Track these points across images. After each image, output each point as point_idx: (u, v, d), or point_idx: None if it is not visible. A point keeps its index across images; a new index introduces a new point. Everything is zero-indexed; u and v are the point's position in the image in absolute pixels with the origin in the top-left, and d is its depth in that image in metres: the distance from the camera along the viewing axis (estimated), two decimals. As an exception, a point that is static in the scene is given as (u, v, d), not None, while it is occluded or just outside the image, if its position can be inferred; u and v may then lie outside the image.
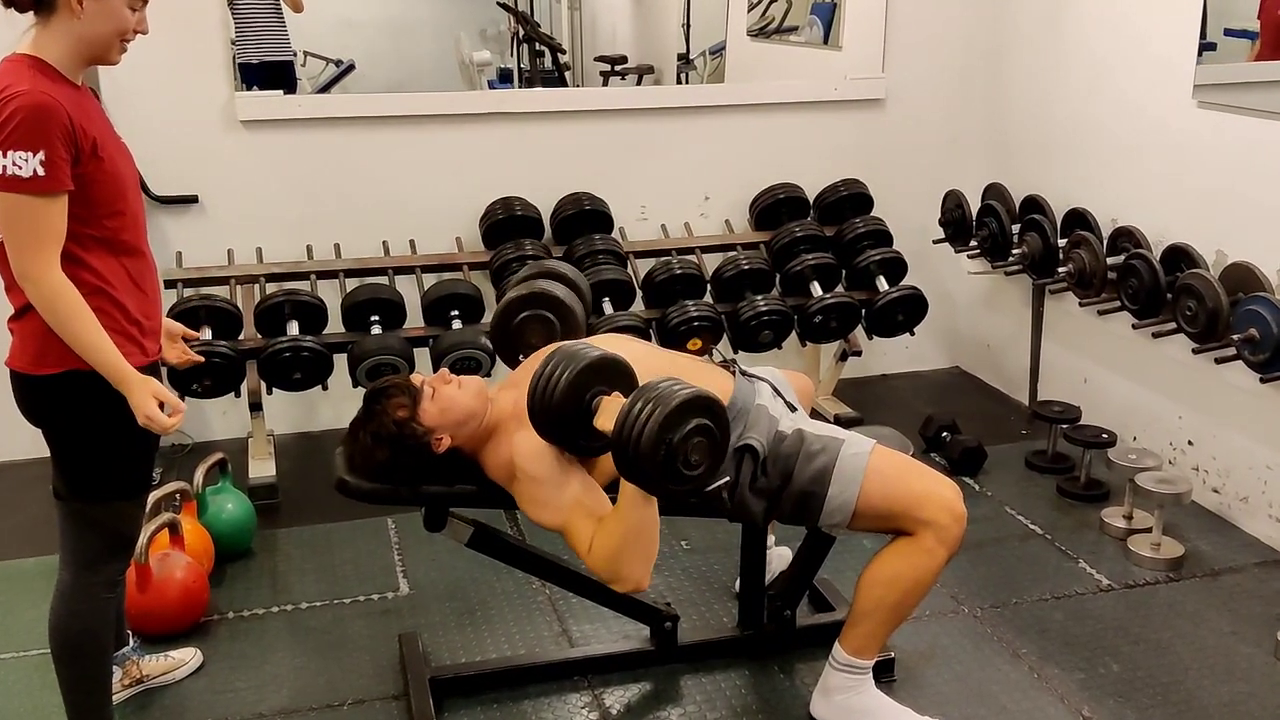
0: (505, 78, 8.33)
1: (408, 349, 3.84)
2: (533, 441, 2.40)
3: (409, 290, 4.00)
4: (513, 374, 2.69)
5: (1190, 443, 3.74)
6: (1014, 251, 4.16)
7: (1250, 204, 3.39)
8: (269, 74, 6.14)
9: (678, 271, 4.13)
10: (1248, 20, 3.48)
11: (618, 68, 7.36)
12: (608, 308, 4.01)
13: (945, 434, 4.03)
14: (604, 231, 4.26)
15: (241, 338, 3.80)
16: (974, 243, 4.39)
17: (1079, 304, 3.94)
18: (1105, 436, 3.70)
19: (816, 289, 4.22)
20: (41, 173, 2.02)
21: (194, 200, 3.98)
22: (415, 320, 3.98)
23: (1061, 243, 3.98)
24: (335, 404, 4.13)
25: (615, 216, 4.30)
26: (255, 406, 3.84)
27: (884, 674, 2.76)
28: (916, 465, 2.55)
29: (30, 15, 2.11)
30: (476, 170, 4.21)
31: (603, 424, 2.26)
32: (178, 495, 3.20)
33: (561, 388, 2.28)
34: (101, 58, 2.18)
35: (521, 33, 7.93)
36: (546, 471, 2.39)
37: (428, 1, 8.79)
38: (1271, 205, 3.31)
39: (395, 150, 4.13)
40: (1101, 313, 3.82)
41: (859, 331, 4.35)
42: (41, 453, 2.29)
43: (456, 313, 3.94)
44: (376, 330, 3.86)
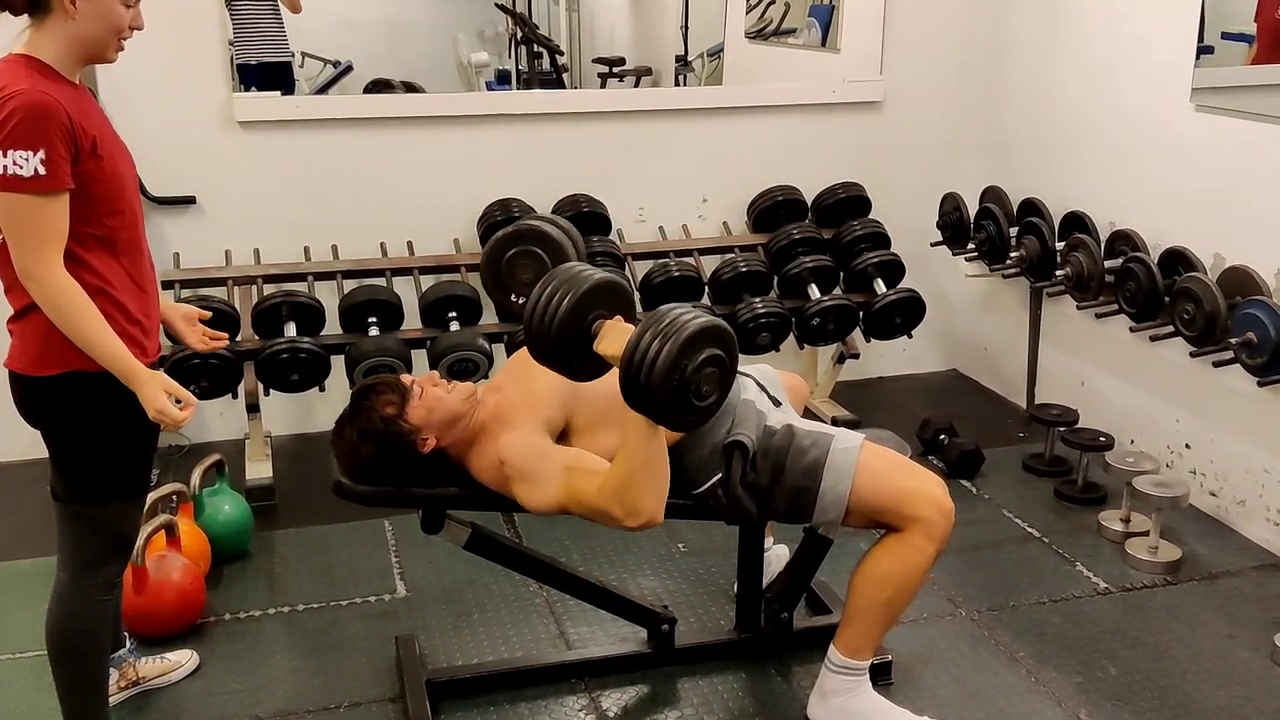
0: (503, 79, 8.33)
1: (405, 351, 3.84)
2: (517, 437, 2.40)
3: (407, 292, 4.00)
4: (496, 378, 2.67)
5: (1188, 446, 3.74)
6: (1012, 254, 4.16)
7: (1248, 207, 3.39)
8: (267, 75, 6.12)
9: (675, 273, 4.12)
10: (1245, 24, 3.49)
11: (616, 69, 7.37)
12: (606, 309, 4.00)
13: (943, 436, 4.03)
14: (602, 233, 4.25)
15: (239, 339, 3.80)
16: (972, 245, 4.39)
17: (1077, 307, 3.94)
18: (1103, 439, 3.70)
19: (814, 291, 4.22)
20: (42, 171, 2.02)
21: (191, 201, 3.98)
22: (413, 322, 3.98)
23: (1059, 246, 3.98)
24: (333, 405, 4.04)
25: (613, 218, 4.30)
26: (252, 408, 3.84)
27: (881, 677, 2.76)
28: (904, 461, 2.56)
29: (25, 16, 2.11)
30: (474, 172, 4.21)
31: (604, 349, 2.23)
32: (174, 497, 3.19)
33: (563, 312, 2.22)
34: (98, 56, 2.18)
35: (519, 34, 7.94)
36: (534, 455, 2.38)
37: (426, 3, 8.79)
38: (1269, 209, 3.32)
39: (393, 152, 4.13)
40: (1099, 316, 3.82)
41: (857, 334, 4.35)
42: (39, 453, 2.29)
43: (454, 314, 3.93)
44: (374, 332, 3.86)
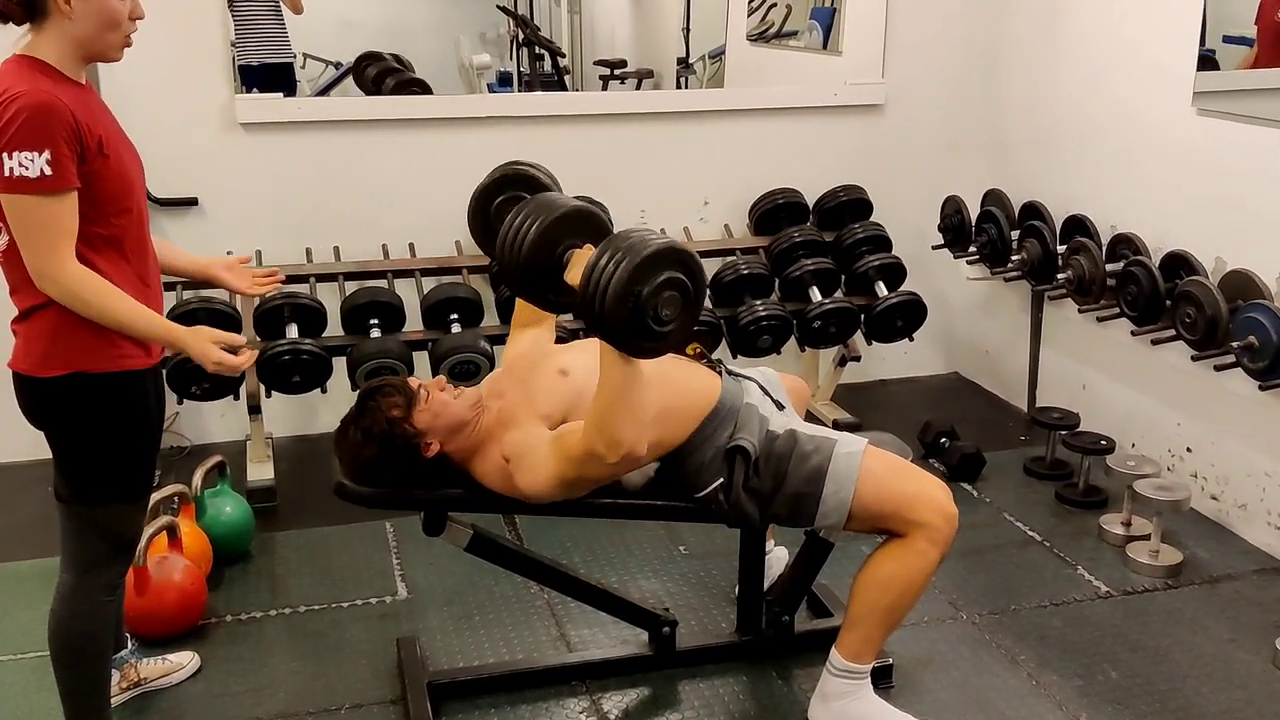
0: (505, 81, 8.31)
1: (407, 352, 3.83)
2: (518, 432, 2.40)
3: (408, 293, 4.00)
4: (498, 382, 2.63)
5: (1189, 449, 3.74)
6: (1013, 258, 4.16)
7: (1249, 211, 3.39)
8: (269, 76, 6.11)
9: (677, 276, 4.12)
10: (1245, 27, 3.49)
11: (617, 72, 7.36)
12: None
13: (944, 440, 4.03)
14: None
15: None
16: (973, 249, 4.39)
17: (1078, 310, 3.94)
18: (1104, 443, 3.70)
19: (815, 294, 4.22)
20: (48, 172, 2.02)
21: (193, 203, 3.98)
22: (414, 324, 3.98)
23: (1060, 249, 3.98)
24: (334, 407, 4.06)
25: (615, 220, 4.28)
26: (254, 409, 3.84)
27: (882, 680, 2.76)
28: (907, 466, 2.56)
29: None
30: (475, 173, 4.15)
31: (571, 278, 2.18)
32: (176, 498, 3.19)
33: (531, 239, 2.17)
34: (101, 54, 2.17)
35: (521, 36, 7.92)
36: (529, 439, 2.38)
37: (427, 4, 8.78)
38: (1271, 212, 3.32)
39: (395, 153, 4.13)
40: (1100, 319, 3.82)
41: (858, 337, 4.35)
42: (41, 454, 2.30)
43: (456, 316, 3.93)
44: (376, 333, 3.86)
